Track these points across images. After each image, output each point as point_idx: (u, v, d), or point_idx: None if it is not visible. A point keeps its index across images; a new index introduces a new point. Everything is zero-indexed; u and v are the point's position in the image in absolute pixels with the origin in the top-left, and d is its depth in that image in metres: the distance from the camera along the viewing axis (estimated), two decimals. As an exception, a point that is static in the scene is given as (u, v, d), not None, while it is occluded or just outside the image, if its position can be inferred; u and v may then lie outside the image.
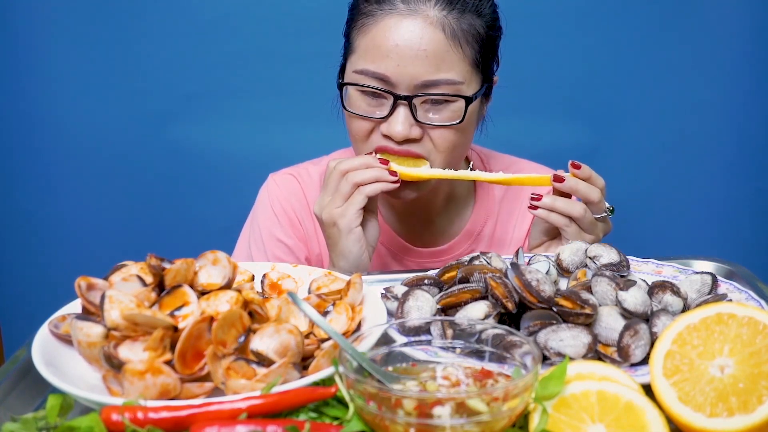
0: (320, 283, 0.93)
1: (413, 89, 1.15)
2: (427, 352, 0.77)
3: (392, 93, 1.16)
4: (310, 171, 1.40)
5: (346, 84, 1.19)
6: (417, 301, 0.89)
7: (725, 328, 0.70)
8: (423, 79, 1.15)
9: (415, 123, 1.17)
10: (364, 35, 1.18)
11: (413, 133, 1.17)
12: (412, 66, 1.14)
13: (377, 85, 1.16)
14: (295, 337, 0.75)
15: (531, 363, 0.68)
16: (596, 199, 1.14)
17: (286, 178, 1.39)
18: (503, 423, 0.63)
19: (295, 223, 1.36)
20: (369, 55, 1.16)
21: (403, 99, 1.15)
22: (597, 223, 1.16)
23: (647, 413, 0.66)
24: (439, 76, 1.15)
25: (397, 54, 1.14)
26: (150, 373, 0.70)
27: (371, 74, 1.16)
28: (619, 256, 1.02)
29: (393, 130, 1.16)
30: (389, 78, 1.15)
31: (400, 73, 1.14)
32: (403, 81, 1.15)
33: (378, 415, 0.62)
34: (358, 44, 1.19)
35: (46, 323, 0.82)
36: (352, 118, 1.21)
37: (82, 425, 0.65)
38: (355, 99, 1.20)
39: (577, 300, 0.83)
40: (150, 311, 0.75)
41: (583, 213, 1.13)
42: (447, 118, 1.18)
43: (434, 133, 1.19)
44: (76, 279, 0.81)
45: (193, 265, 0.84)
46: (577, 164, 1.14)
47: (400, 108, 1.16)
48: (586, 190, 1.14)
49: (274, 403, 0.66)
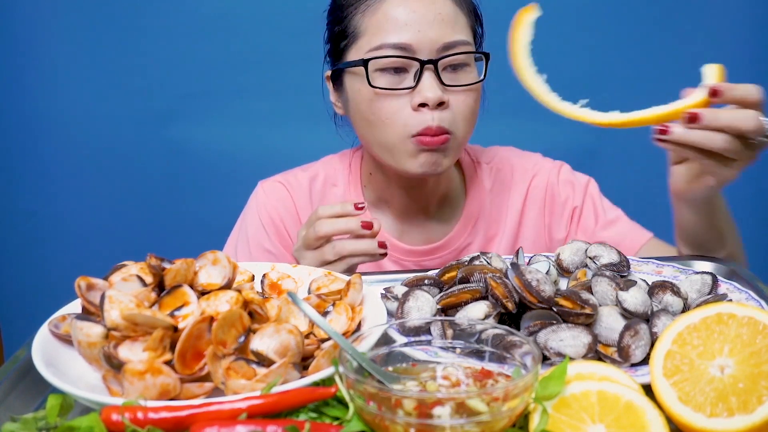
0: (320, 283, 0.93)
1: (435, 53, 1.17)
2: (427, 352, 0.77)
3: (417, 59, 1.16)
4: (299, 178, 1.39)
5: (368, 60, 1.17)
6: (417, 302, 0.89)
7: (725, 328, 0.70)
8: (443, 42, 1.17)
9: (442, 87, 1.17)
10: (373, 14, 1.18)
11: (445, 97, 1.17)
12: (432, 30, 1.16)
13: (400, 53, 1.16)
14: (295, 337, 0.75)
15: (531, 363, 0.68)
16: (751, 127, 0.92)
17: (275, 186, 1.38)
18: (503, 423, 0.63)
19: (281, 231, 1.36)
20: (384, 29, 1.17)
21: (428, 63, 1.16)
22: (745, 150, 0.95)
23: (647, 413, 0.66)
24: (455, 37, 1.18)
25: (416, 20, 1.16)
26: (150, 373, 0.70)
27: (391, 46, 1.16)
28: (619, 256, 1.02)
29: (426, 95, 1.15)
30: (411, 45, 1.16)
31: (421, 39, 1.16)
32: (424, 47, 1.16)
33: (378, 415, 0.62)
34: (368, 25, 1.19)
35: (46, 323, 0.82)
36: (378, 98, 1.18)
37: (82, 425, 0.65)
38: (377, 78, 1.18)
39: (577, 300, 0.83)
40: (150, 311, 0.75)
41: (726, 145, 0.93)
42: (469, 80, 1.20)
43: (458, 98, 1.19)
44: (76, 279, 0.81)
45: (193, 265, 0.84)
46: (716, 90, 0.94)
47: (426, 73, 1.16)
48: (732, 119, 0.93)
49: (274, 403, 0.66)
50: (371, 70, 1.18)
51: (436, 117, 1.17)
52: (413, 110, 1.17)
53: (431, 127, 1.17)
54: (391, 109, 1.18)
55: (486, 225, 1.38)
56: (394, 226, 1.37)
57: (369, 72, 1.17)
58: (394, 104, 1.18)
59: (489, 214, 1.39)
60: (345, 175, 1.39)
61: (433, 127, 1.17)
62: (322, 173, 1.40)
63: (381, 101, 1.18)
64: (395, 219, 1.37)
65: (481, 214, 1.38)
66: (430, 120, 1.17)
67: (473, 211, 1.38)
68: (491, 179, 1.40)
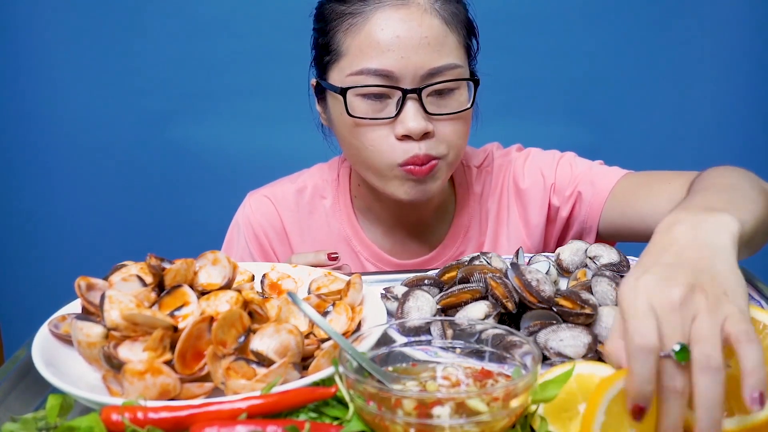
0: (320, 284, 0.93)
1: (419, 80, 1.10)
2: (427, 352, 0.77)
3: (399, 88, 1.10)
4: (286, 191, 1.35)
5: (347, 89, 1.11)
6: (417, 301, 0.89)
7: (725, 328, 0.70)
8: (428, 68, 1.10)
9: (427, 116, 1.11)
10: (355, 35, 1.11)
11: (429, 128, 1.11)
12: (416, 55, 1.09)
13: (381, 83, 1.10)
14: (295, 337, 0.75)
15: (531, 363, 0.68)
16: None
17: (262, 200, 1.35)
18: (503, 423, 0.63)
19: (265, 248, 1.33)
20: (366, 53, 1.10)
21: (411, 92, 1.10)
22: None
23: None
24: (442, 62, 1.10)
25: (399, 46, 1.09)
26: (150, 373, 0.70)
27: (373, 72, 1.10)
28: (619, 256, 1.02)
29: (409, 127, 1.10)
30: (393, 73, 1.09)
31: (405, 66, 1.09)
32: (408, 73, 1.09)
33: (378, 415, 0.62)
34: (349, 45, 1.12)
35: (46, 323, 0.82)
36: (360, 127, 1.13)
37: (82, 425, 0.65)
38: (357, 104, 1.12)
39: (577, 300, 0.83)
40: (150, 311, 0.75)
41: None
42: (457, 107, 1.13)
43: (446, 126, 1.13)
44: (76, 279, 0.81)
45: (193, 265, 0.84)
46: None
47: (409, 103, 1.10)
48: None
49: (274, 403, 0.66)
50: (352, 95, 1.12)
51: (423, 146, 1.11)
52: (397, 140, 1.12)
53: (419, 155, 1.11)
54: (373, 137, 1.13)
55: (478, 233, 1.33)
56: (384, 237, 1.33)
57: (348, 99, 1.11)
58: (377, 132, 1.13)
59: (479, 221, 1.34)
60: (333, 187, 1.35)
61: (421, 155, 1.11)
62: (310, 184, 1.35)
63: (363, 129, 1.13)
64: (385, 231, 1.33)
65: (472, 222, 1.33)
66: (417, 149, 1.11)
67: (464, 220, 1.33)
68: (481, 183, 1.35)
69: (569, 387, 0.69)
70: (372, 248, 1.32)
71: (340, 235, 1.33)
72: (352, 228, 1.33)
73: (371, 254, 1.32)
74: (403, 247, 1.33)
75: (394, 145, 1.12)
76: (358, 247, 1.33)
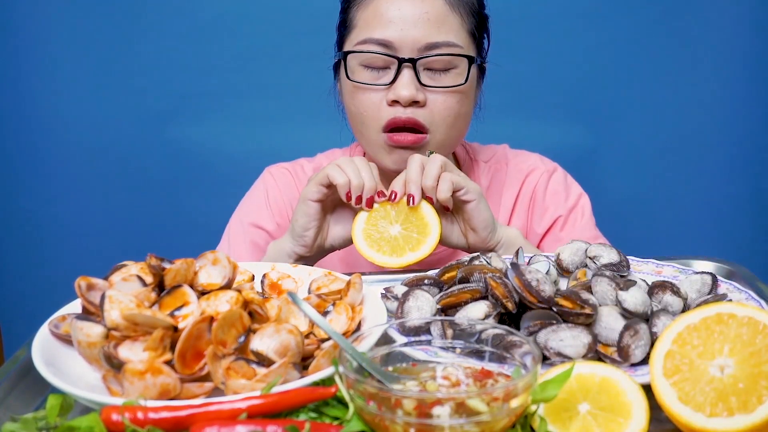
0: (320, 283, 0.93)
1: (416, 53, 1.18)
2: (427, 352, 0.77)
3: (396, 57, 1.18)
4: (305, 168, 1.43)
5: (348, 53, 1.21)
6: (417, 301, 0.89)
7: (725, 328, 0.71)
8: (426, 42, 1.18)
9: (420, 86, 1.19)
10: (365, 9, 1.21)
11: (419, 96, 1.19)
12: (415, 29, 1.18)
13: (380, 50, 1.19)
14: (295, 337, 0.75)
15: (531, 363, 0.68)
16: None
17: (282, 171, 1.43)
18: (503, 423, 0.63)
19: (282, 212, 1.38)
20: (371, 24, 1.20)
21: (407, 61, 1.18)
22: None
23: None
24: (440, 38, 1.18)
25: (401, 19, 1.18)
26: (150, 373, 0.70)
27: (375, 41, 1.19)
28: (619, 256, 1.02)
29: (399, 93, 1.18)
30: (392, 43, 1.18)
31: (404, 38, 1.17)
32: (406, 45, 1.18)
33: (378, 415, 0.62)
34: (359, 19, 1.22)
35: (46, 323, 0.82)
36: (357, 91, 1.22)
37: (82, 425, 0.65)
38: (358, 72, 1.22)
39: (577, 300, 0.83)
40: (150, 311, 0.75)
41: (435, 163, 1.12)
42: (450, 82, 1.21)
43: (437, 99, 1.21)
44: (76, 279, 0.81)
45: (193, 265, 0.84)
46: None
47: (404, 71, 1.18)
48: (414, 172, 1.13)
49: (274, 403, 0.66)
50: (355, 63, 1.21)
51: (408, 111, 1.19)
52: (387, 105, 1.20)
53: (400, 117, 1.19)
54: (368, 102, 1.21)
55: None
56: None
57: (350, 66, 1.21)
58: (372, 97, 1.21)
59: None
60: None
61: (402, 117, 1.19)
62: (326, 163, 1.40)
63: (360, 94, 1.22)
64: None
65: None
66: (401, 113, 1.19)
67: None
68: (488, 178, 1.40)
69: (569, 387, 0.69)
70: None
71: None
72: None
73: None
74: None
75: (381, 109, 1.20)
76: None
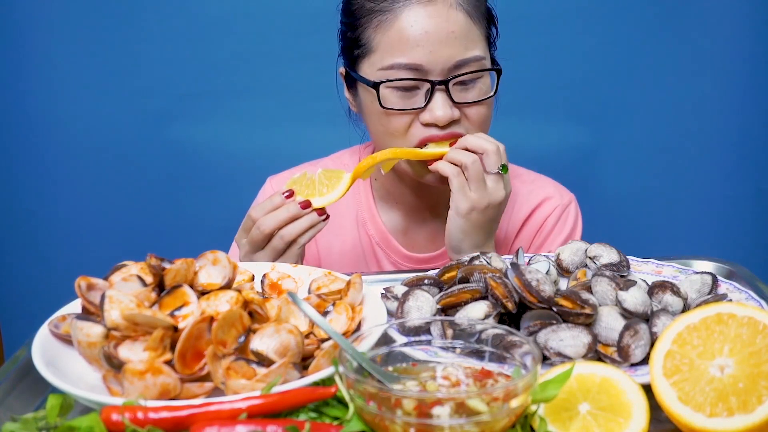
0: (320, 283, 0.93)
1: (446, 72, 1.18)
2: (427, 352, 0.77)
3: (428, 80, 1.17)
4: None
5: (379, 84, 1.19)
6: (417, 301, 0.89)
7: (725, 328, 0.71)
8: (455, 60, 1.17)
9: (454, 105, 1.19)
10: (385, 31, 1.18)
11: (455, 116, 1.19)
12: (443, 49, 1.17)
13: (411, 76, 1.17)
14: (295, 337, 0.75)
15: (531, 363, 0.68)
16: (490, 148, 1.16)
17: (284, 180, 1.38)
18: (503, 423, 0.63)
19: None
20: (396, 48, 1.18)
21: (439, 84, 1.17)
22: (485, 180, 1.16)
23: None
24: (468, 54, 1.18)
25: (428, 41, 1.16)
26: (150, 373, 0.70)
27: (403, 66, 1.17)
28: (619, 256, 1.02)
29: (437, 116, 1.18)
30: (422, 66, 1.17)
31: (434, 60, 1.17)
32: (436, 66, 1.17)
33: (378, 415, 0.62)
34: (379, 42, 1.19)
35: (46, 323, 0.82)
36: (389, 116, 1.21)
37: (82, 425, 0.65)
38: (388, 96, 1.20)
39: (577, 300, 0.83)
40: (150, 311, 0.75)
41: (470, 162, 1.15)
42: (481, 94, 1.22)
43: (470, 111, 1.22)
44: (76, 279, 0.81)
45: (193, 265, 0.84)
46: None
47: (437, 94, 1.18)
48: (477, 141, 1.17)
49: (274, 403, 0.67)
50: (383, 88, 1.19)
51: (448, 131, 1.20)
52: (422, 125, 1.20)
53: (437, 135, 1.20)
54: (398, 125, 1.21)
55: None
56: (400, 223, 1.38)
57: (381, 92, 1.19)
58: (405, 120, 1.21)
59: None
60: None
61: (440, 135, 1.20)
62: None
63: (392, 118, 1.21)
64: (402, 216, 1.38)
65: None
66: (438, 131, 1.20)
67: None
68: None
69: (569, 387, 0.69)
70: (384, 234, 1.37)
71: (357, 218, 1.38)
72: (369, 212, 1.38)
73: (382, 239, 1.37)
74: (417, 233, 1.38)
75: (415, 128, 1.21)
76: (372, 230, 1.38)
